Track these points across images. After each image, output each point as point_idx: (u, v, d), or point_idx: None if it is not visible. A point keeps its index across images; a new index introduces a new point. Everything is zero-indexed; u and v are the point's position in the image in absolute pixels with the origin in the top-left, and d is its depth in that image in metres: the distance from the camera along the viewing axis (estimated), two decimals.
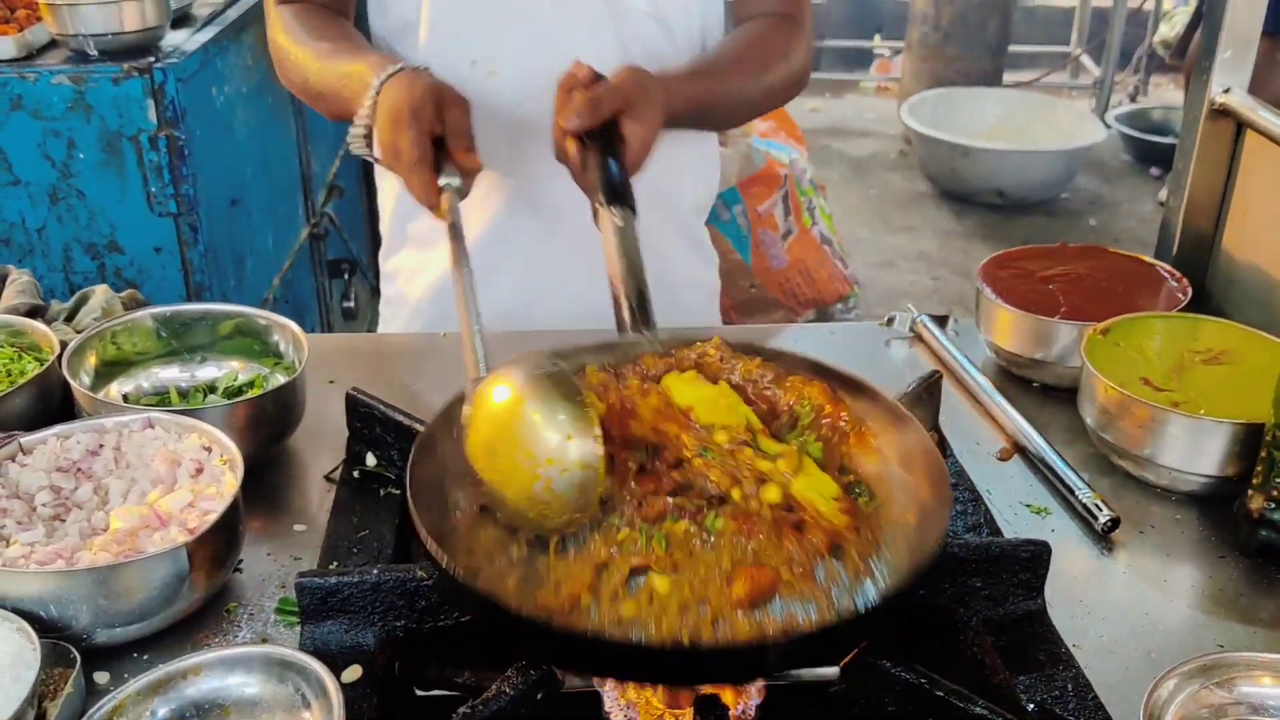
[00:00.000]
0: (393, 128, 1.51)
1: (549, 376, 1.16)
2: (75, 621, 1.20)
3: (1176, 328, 1.66)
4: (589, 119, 1.52)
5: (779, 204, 4.97)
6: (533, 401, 1.14)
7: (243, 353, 1.69)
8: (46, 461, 1.38)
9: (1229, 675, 1.17)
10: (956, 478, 1.51)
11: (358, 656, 1.22)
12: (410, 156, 1.50)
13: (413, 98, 1.52)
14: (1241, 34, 1.80)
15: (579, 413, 1.14)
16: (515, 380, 1.17)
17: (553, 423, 1.13)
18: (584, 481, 1.13)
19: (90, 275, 2.90)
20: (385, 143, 1.54)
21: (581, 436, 1.12)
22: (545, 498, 1.13)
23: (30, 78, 2.72)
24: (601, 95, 1.53)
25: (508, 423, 1.15)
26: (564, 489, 1.12)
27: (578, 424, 1.13)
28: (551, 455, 1.12)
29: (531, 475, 1.12)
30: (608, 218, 1.47)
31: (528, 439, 1.13)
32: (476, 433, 1.18)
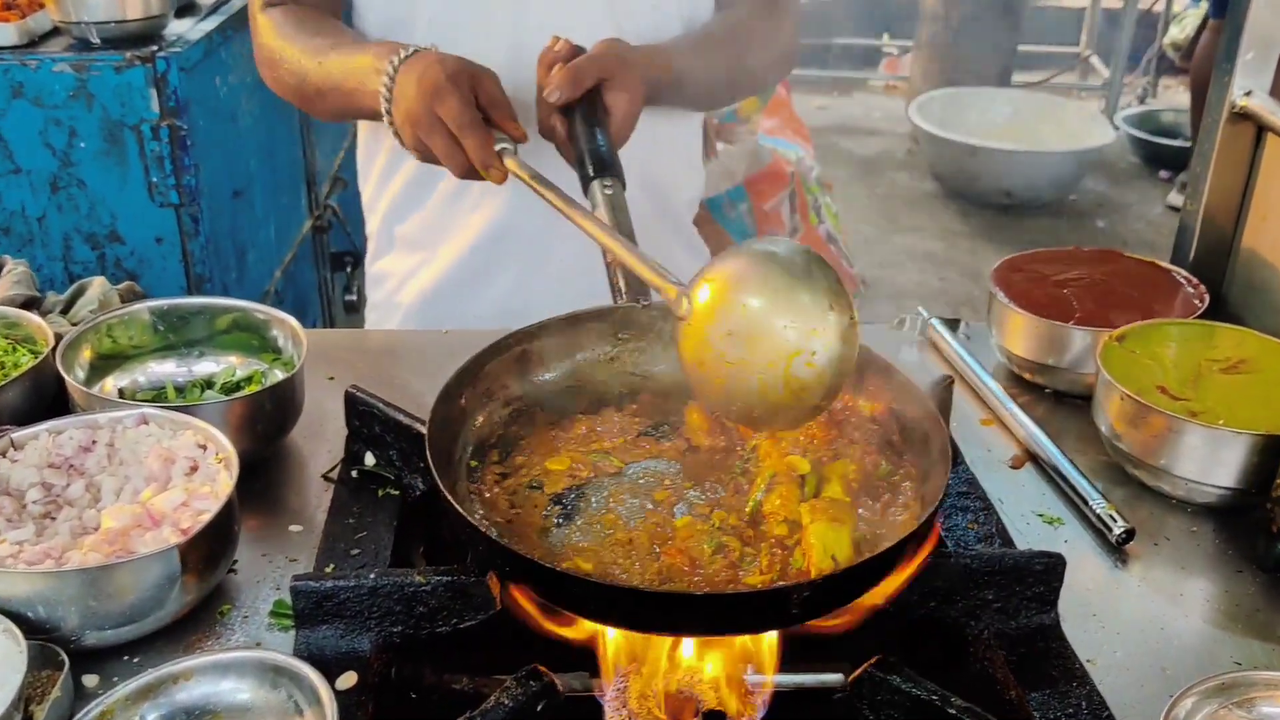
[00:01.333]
0: (430, 98, 1.48)
1: (791, 253, 1.12)
2: (64, 623, 1.17)
3: (1194, 335, 1.63)
4: (570, 90, 1.53)
5: (785, 202, 4.94)
6: (786, 276, 1.10)
7: (241, 348, 1.66)
8: (38, 457, 1.35)
9: (1248, 694, 1.13)
10: (968, 486, 1.48)
11: (353, 663, 1.19)
12: (462, 119, 1.47)
13: (446, 68, 1.50)
14: (1263, 36, 1.77)
15: (835, 283, 1.10)
16: (758, 261, 1.12)
17: (814, 292, 1.09)
18: (844, 356, 1.10)
19: (90, 265, 2.88)
20: (419, 114, 1.50)
21: (842, 306, 1.09)
22: (806, 376, 1.09)
23: (32, 65, 2.69)
24: (582, 66, 1.54)
25: (761, 304, 1.10)
26: (826, 364, 1.09)
27: (837, 294, 1.09)
28: (815, 327, 1.08)
29: (793, 352, 1.08)
30: (597, 189, 1.48)
31: (787, 315, 1.08)
32: (711, 327, 1.12)
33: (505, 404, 1.40)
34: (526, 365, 1.43)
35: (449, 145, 1.49)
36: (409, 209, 1.98)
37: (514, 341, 1.41)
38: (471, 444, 1.35)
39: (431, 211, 1.95)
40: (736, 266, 1.14)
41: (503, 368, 1.40)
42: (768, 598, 1.10)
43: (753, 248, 1.16)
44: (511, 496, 1.30)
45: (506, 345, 1.40)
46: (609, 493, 1.29)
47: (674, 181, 2.02)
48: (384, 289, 2.08)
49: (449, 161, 1.50)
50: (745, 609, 1.10)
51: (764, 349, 1.09)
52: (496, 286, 1.95)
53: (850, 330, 1.10)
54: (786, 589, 1.08)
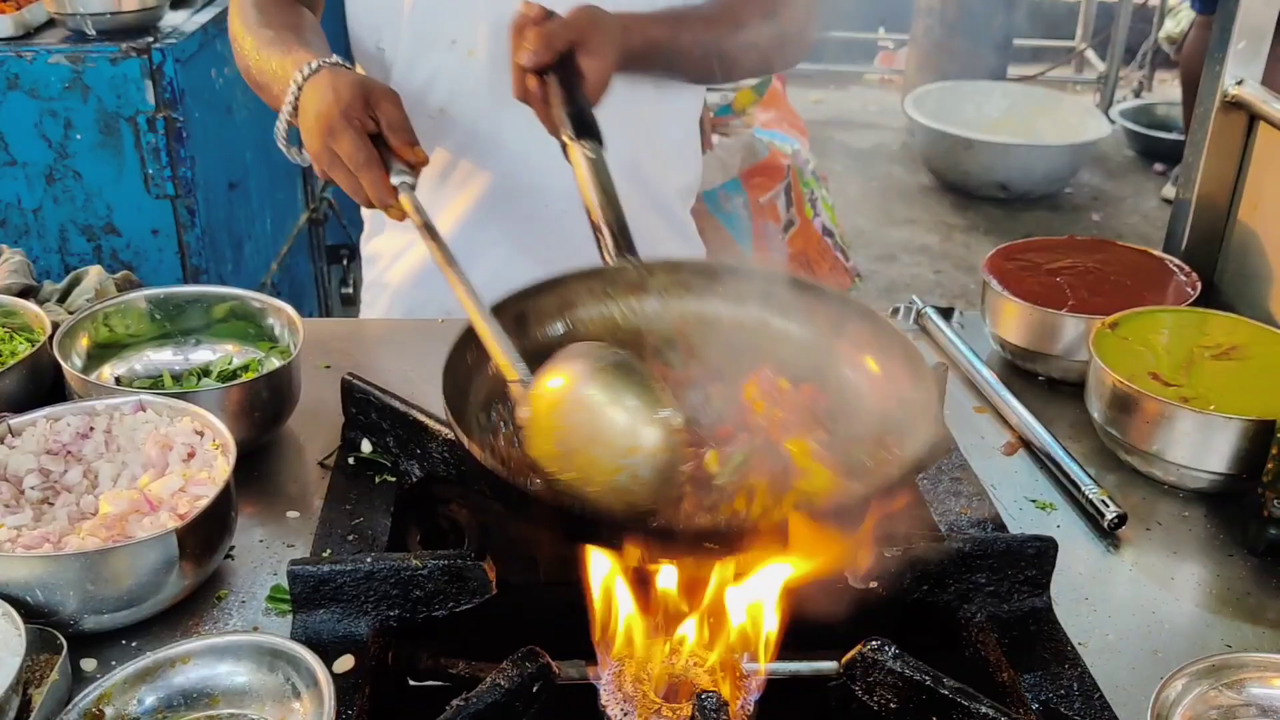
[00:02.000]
0: (325, 133, 1.44)
1: (614, 366, 1.15)
2: (62, 607, 1.18)
3: (1186, 322, 1.64)
4: (543, 54, 1.53)
5: (781, 195, 4.94)
6: (602, 393, 1.12)
7: (237, 336, 1.67)
8: (36, 444, 1.36)
9: (1238, 676, 1.15)
10: (961, 472, 1.48)
11: (350, 646, 1.20)
12: (356, 158, 1.43)
13: (339, 98, 1.45)
14: (1255, 25, 1.78)
15: (652, 398, 1.12)
16: (577, 374, 1.15)
17: (629, 410, 1.11)
18: (669, 462, 1.12)
19: (86, 257, 2.87)
20: (318, 150, 1.47)
21: (661, 420, 1.11)
22: (632, 486, 1.11)
23: (27, 57, 2.69)
24: (554, 29, 1.54)
25: (580, 420, 1.13)
26: (649, 474, 1.11)
27: (654, 407, 1.12)
28: (634, 445, 1.11)
29: (615, 469, 1.11)
30: (578, 151, 1.48)
31: (605, 434, 1.11)
32: (542, 434, 1.15)
33: None
34: (524, 324, 1.43)
35: (350, 182, 1.46)
36: None
37: (511, 303, 1.41)
38: (480, 400, 1.34)
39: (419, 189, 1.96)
40: (567, 376, 1.16)
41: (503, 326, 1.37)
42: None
43: (581, 360, 1.17)
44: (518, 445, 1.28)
45: (504, 307, 1.39)
46: None
47: (662, 170, 2.01)
48: (375, 270, 2.08)
49: (354, 196, 1.48)
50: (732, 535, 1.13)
51: (588, 465, 1.12)
52: (483, 266, 1.94)
53: (670, 440, 1.12)
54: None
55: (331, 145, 1.44)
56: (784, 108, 5.41)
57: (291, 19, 1.76)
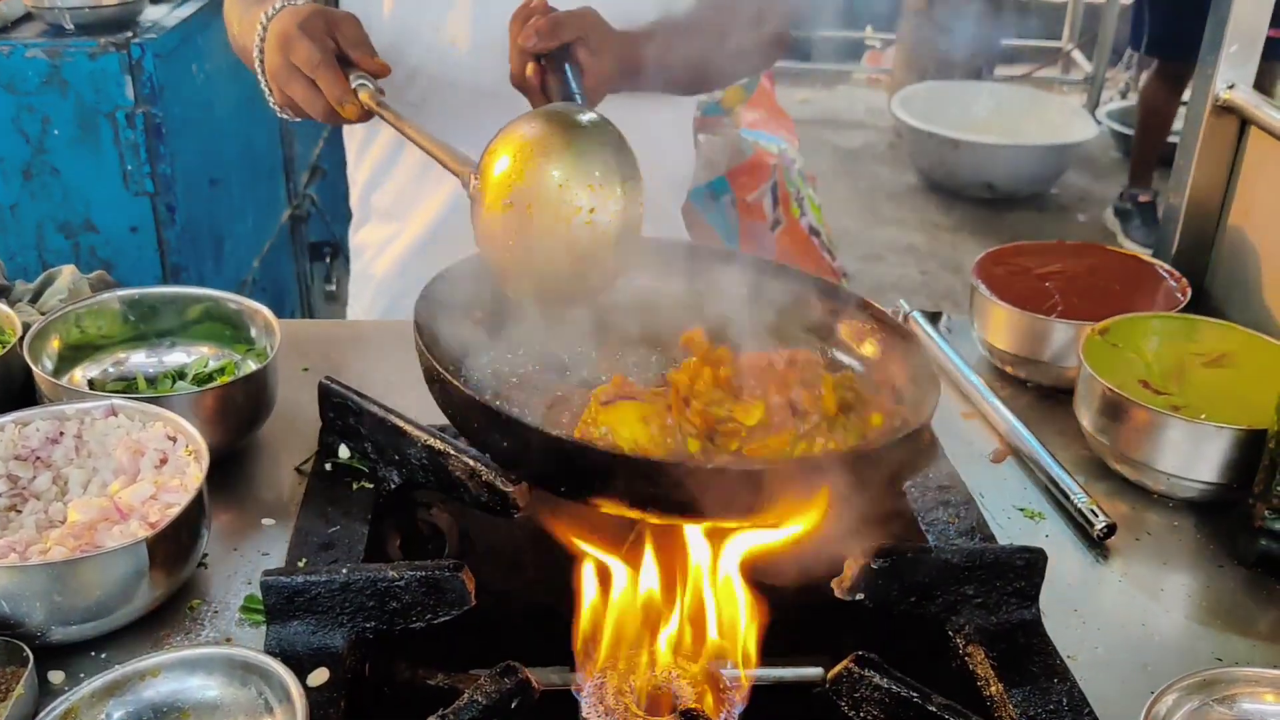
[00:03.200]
0: (282, 47, 1.50)
1: (567, 113, 1.16)
2: (29, 618, 1.15)
3: (1176, 329, 1.62)
4: (547, 39, 1.53)
5: (767, 194, 4.92)
6: (561, 136, 1.10)
7: (213, 338, 1.64)
8: (4, 449, 1.33)
9: (1230, 691, 1.13)
10: (949, 480, 1.46)
11: (325, 658, 1.17)
12: (312, 60, 1.47)
13: (298, 16, 1.51)
14: (1247, 29, 1.76)
15: (615, 140, 1.11)
16: (533, 125, 1.13)
17: (589, 149, 1.09)
18: (627, 230, 1.10)
19: (64, 254, 2.84)
20: (277, 67, 1.51)
21: (631, 181, 1.09)
22: (587, 246, 1.07)
23: (4, 51, 2.66)
24: (561, 19, 1.55)
25: (535, 167, 1.08)
26: (608, 221, 1.07)
27: (618, 150, 1.11)
28: (591, 184, 1.08)
29: (574, 217, 1.07)
30: None
31: (578, 178, 1.07)
32: (493, 201, 1.11)
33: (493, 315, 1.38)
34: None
35: (307, 90, 1.50)
36: (383, 178, 1.99)
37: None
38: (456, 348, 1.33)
39: (402, 179, 1.95)
40: (515, 135, 1.14)
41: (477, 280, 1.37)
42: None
43: (532, 115, 1.17)
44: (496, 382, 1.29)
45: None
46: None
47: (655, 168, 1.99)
48: (361, 260, 2.07)
49: (309, 106, 1.51)
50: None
51: (542, 215, 1.08)
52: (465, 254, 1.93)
53: (632, 185, 1.10)
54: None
55: (290, 57, 1.49)
56: (772, 106, 5.39)
57: None
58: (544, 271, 1.10)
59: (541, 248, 1.08)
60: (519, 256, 1.10)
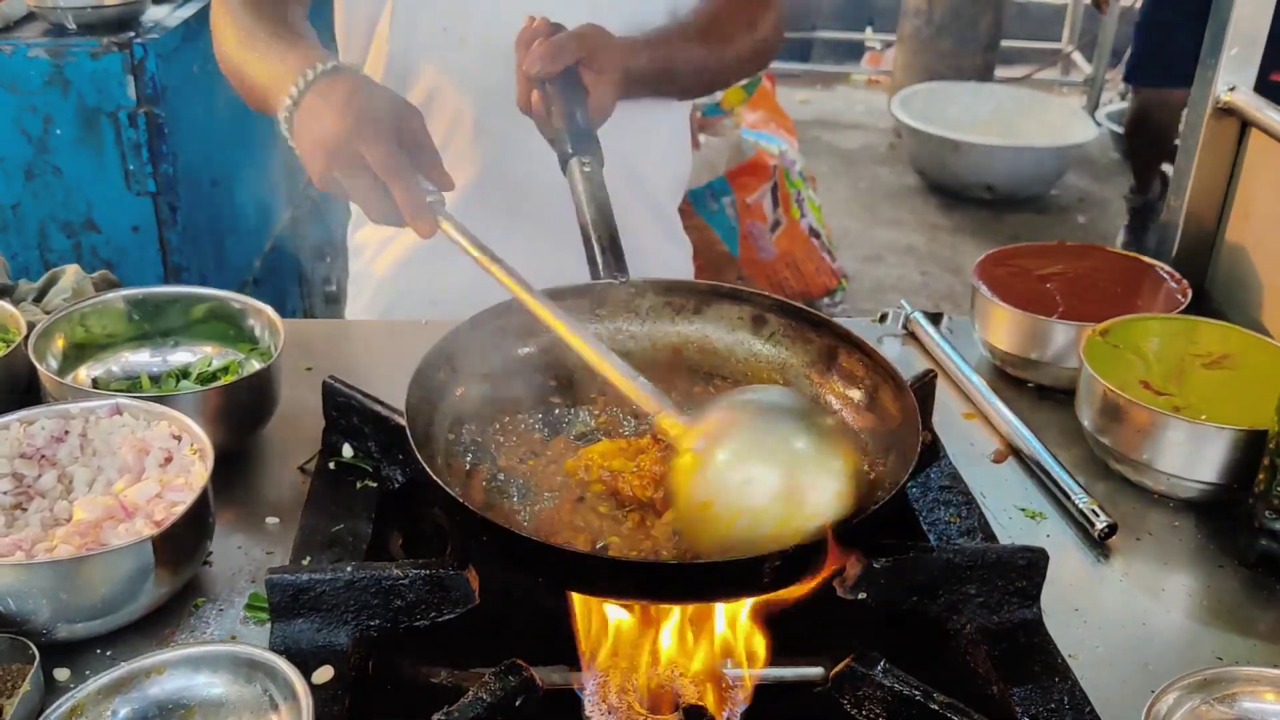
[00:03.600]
0: (354, 136, 1.34)
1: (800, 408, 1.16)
2: (35, 616, 1.15)
3: (1177, 330, 1.63)
4: (551, 64, 1.51)
5: (767, 195, 4.93)
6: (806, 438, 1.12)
7: (217, 337, 1.64)
8: (9, 448, 1.33)
9: (1230, 690, 1.13)
10: (950, 480, 1.47)
11: (330, 656, 1.18)
12: (390, 166, 1.33)
13: (374, 105, 1.36)
14: (1248, 32, 1.77)
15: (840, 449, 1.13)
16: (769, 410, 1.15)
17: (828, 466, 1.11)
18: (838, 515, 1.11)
19: (66, 254, 2.84)
20: (335, 152, 1.36)
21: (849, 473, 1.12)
22: (801, 534, 1.10)
23: (6, 51, 2.66)
24: (563, 41, 1.53)
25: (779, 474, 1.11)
26: (819, 525, 1.10)
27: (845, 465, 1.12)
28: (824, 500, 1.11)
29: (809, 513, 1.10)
30: (576, 166, 1.48)
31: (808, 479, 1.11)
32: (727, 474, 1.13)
33: (484, 379, 1.37)
34: (503, 341, 1.40)
35: (371, 190, 1.36)
36: None
37: (490, 317, 1.38)
38: (450, 418, 1.33)
39: None
40: (749, 410, 1.16)
41: (482, 341, 1.37)
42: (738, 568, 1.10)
43: (760, 394, 1.19)
44: (488, 469, 1.29)
45: (486, 320, 1.37)
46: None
47: (655, 166, 2.00)
48: (361, 260, 2.06)
49: (366, 206, 1.38)
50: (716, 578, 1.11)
51: (782, 503, 1.11)
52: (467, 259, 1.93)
53: (859, 483, 1.13)
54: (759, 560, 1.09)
55: (360, 149, 1.34)
56: (772, 107, 5.40)
57: (283, 16, 1.70)
58: (738, 543, 1.12)
59: (759, 534, 1.11)
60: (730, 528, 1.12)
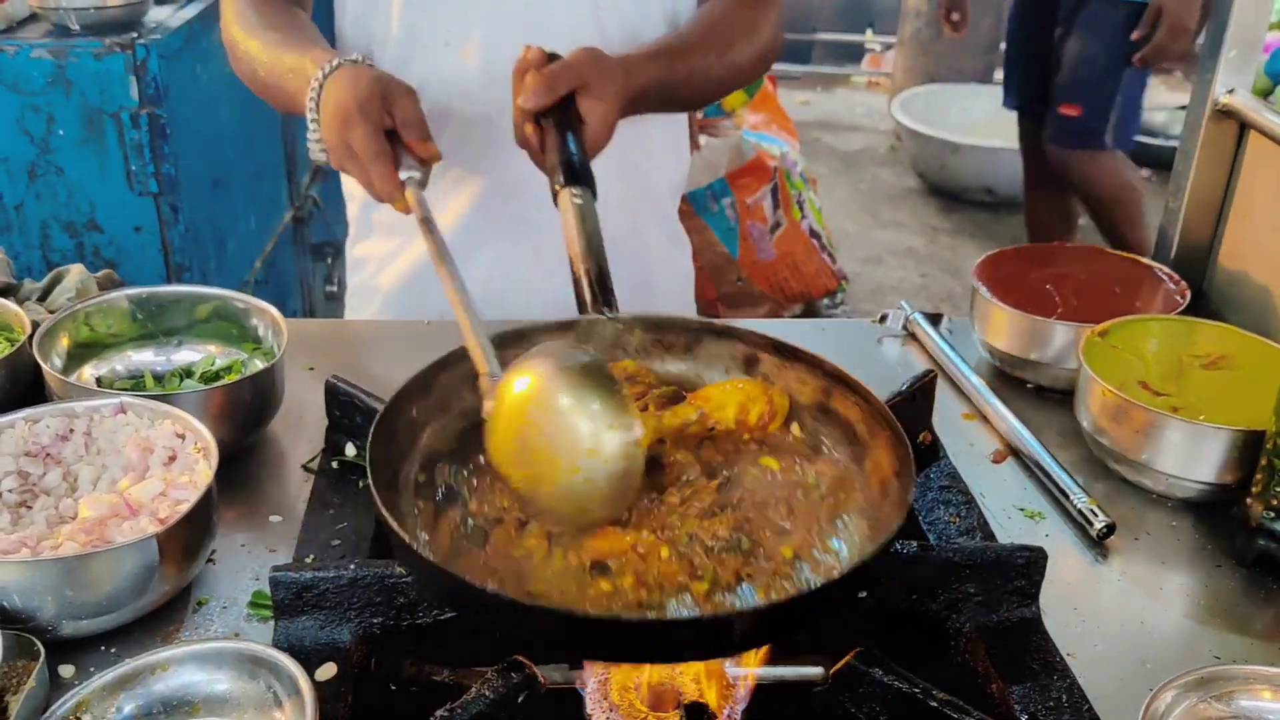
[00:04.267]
0: (341, 126, 1.46)
1: (581, 367, 1.10)
2: (40, 613, 1.16)
3: (1176, 331, 1.64)
4: (545, 97, 1.51)
5: (768, 196, 4.93)
6: (567, 393, 1.07)
7: (220, 337, 1.65)
8: (14, 446, 1.34)
9: (1228, 688, 1.14)
10: (949, 480, 1.48)
11: (333, 654, 1.19)
12: (367, 151, 1.44)
13: (358, 93, 1.46)
14: (1247, 34, 1.78)
15: (617, 401, 1.08)
16: (544, 372, 1.10)
17: (591, 413, 1.06)
18: (627, 471, 1.08)
19: (68, 254, 2.85)
20: (335, 143, 1.48)
21: (623, 426, 1.06)
22: (586, 491, 1.07)
23: (10, 51, 2.66)
24: (556, 73, 1.52)
25: (541, 418, 1.08)
26: (605, 481, 1.07)
27: (617, 413, 1.07)
28: (592, 447, 1.06)
29: (571, 470, 1.06)
30: (567, 198, 1.45)
31: (565, 434, 1.06)
32: (503, 431, 1.11)
33: (461, 416, 1.29)
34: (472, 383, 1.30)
35: (362, 175, 1.47)
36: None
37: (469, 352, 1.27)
38: (420, 457, 1.26)
39: None
40: (535, 374, 1.11)
41: (458, 378, 1.29)
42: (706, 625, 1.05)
43: (551, 358, 1.12)
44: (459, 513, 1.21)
45: (462, 355, 1.27)
46: None
47: (655, 168, 2.01)
48: (363, 274, 2.06)
49: (367, 190, 1.49)
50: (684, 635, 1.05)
51: (547, 464, 1.08)
52: (474, 270, 1.93)
53: (630, 449, 1.08)
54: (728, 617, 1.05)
55: (346, 138, 1.46)
56: (774, 109, 5.40)
57: (294, 20, 1.75)
58: (543, 505, 1.11)
59: (544, 490, 1.09)
60: (524, 486, 1.11)
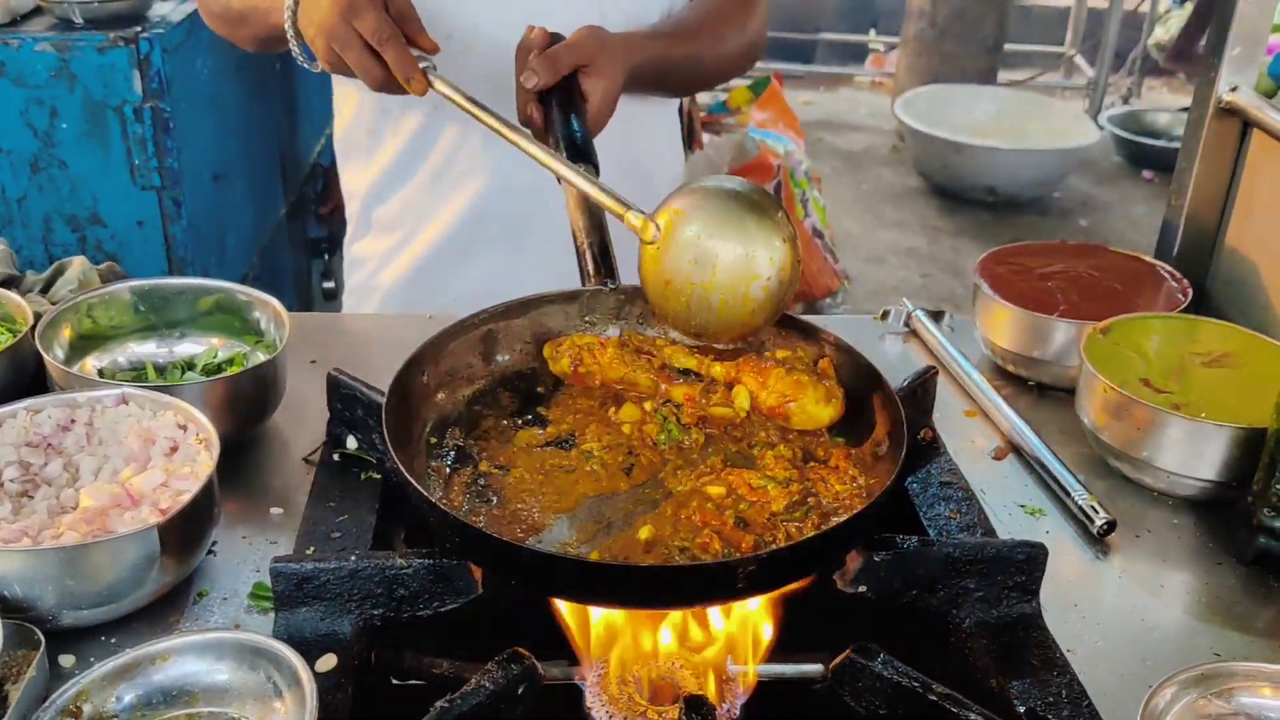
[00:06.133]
0: (346, 11, 1.46)
1: (748, 190, 1.29)
2: (41, 602, 1.16)
3: (1177, 329, 1.63)
4: (548, 76, 1.53)
5: None
6: (745, 210, 1.26)
7: (223, 329, 1.65)
8: (16, 436, 1.34)
9: (1228, 685, 1.14)
10: (951, 476, 1.48)
11: (333, 645, 1.19)
12: (379, 33, 1.46)
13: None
14: (1251, 32, 1.77)
15: (784, 218, 1.28)
16: (719, 195, 1.29)
17: (769, 224, 1.26)
18: (792, 279, 1.28)
19: (71, 247, 2.85)
20: (332, 29, 1.48)
21: (790, 237, 1.27)
22: (760, 297, 1.26)
23: (13, 44, 2.66)
24: (559, 52, 1.54)
25: (725, 233, 1.26)
26: (777, 286, 1.27)
27: (787, 227, 1.27)
28: (771, 255, 1.26)
29: (752, 276, 1.26)
30: None
31: (747, 244, 1.25)
32: (678, 251, 1.28)
33: (469, 382, 1.42)
34: (492, 345, 1.43)
35: (367, 59, 1.48)
36: (388, 192, 1.97)
37: (479, 321, 1.42)
38: (432, 421, 1.36)
39: (411, 194, 1.95)
40: (699, 199, 1.29)
41: (467, 346, 1.41)
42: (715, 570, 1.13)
43: (712, 183, 1.31)
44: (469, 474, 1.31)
45: (472, 324, 1.41)
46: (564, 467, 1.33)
47: (655, 165, 2.01)
48: (362, 272, 2.06)
49: (364, 75, 1.50)
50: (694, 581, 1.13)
51: (726, 272, 1.26)
52: (476, 268, 1.94)
53: (796, 259, 1.28)
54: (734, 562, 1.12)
55: (352, 22, 1.46)
56: (781, 107, 5.40)
57: None
58: (710, 317, 1.29)
59: (718, 299, 1.28)
60: (692, 301, 1.29)
